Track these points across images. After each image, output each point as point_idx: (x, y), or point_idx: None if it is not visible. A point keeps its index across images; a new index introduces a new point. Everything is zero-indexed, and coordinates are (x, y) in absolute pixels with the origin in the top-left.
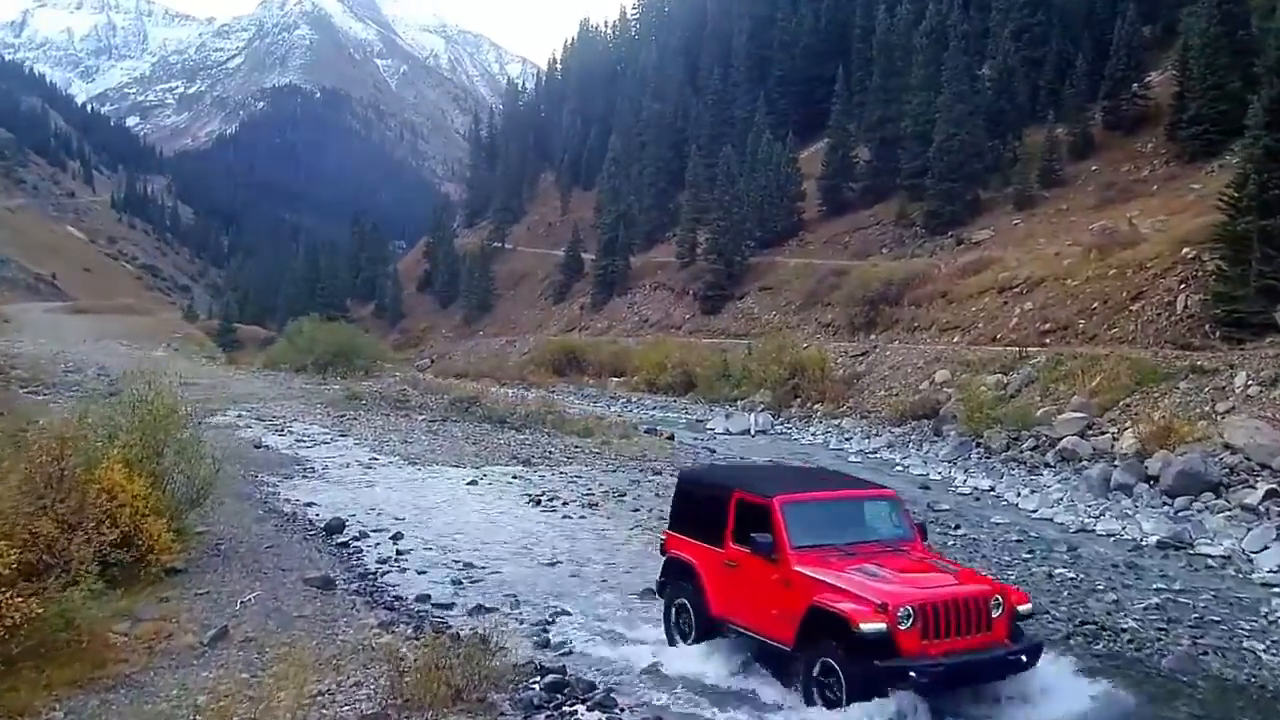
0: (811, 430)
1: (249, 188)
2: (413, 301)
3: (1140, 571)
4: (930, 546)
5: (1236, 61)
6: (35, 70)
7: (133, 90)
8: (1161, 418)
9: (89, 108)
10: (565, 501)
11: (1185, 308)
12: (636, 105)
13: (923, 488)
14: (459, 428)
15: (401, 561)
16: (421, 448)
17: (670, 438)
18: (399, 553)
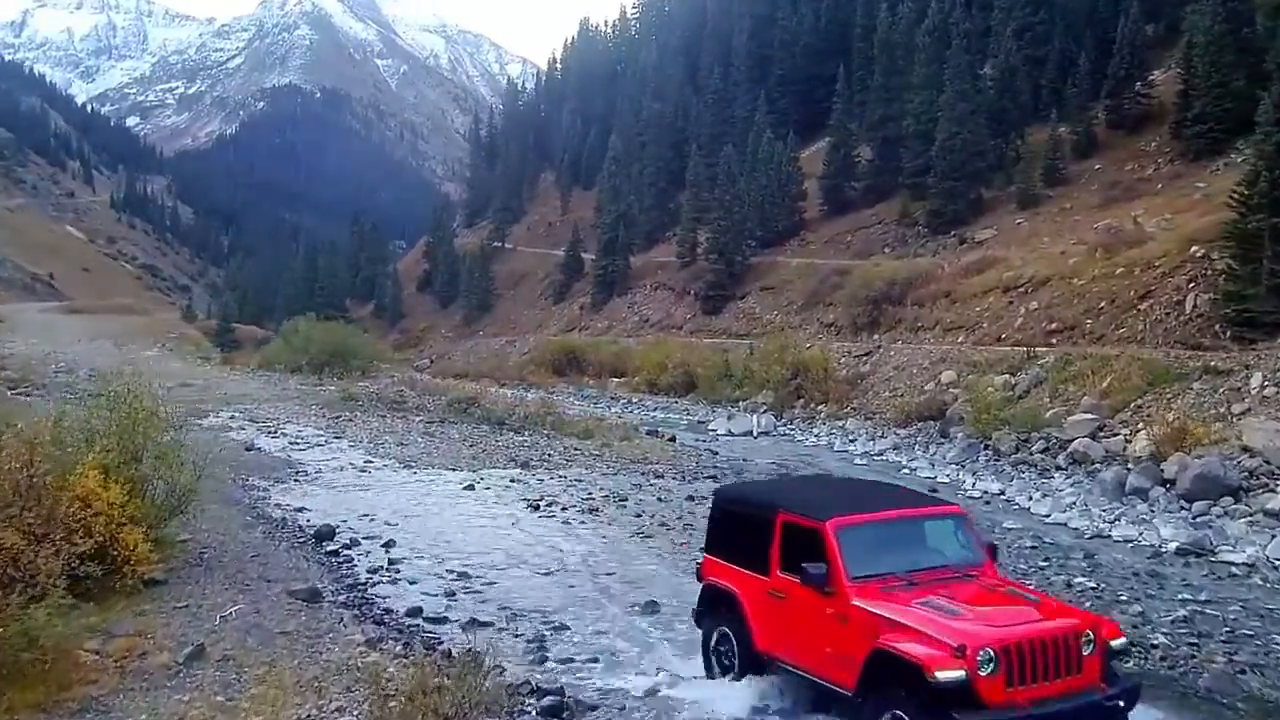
0: (815, 431)
1: (249, 188)
2: (412, 301)
3: (1163, 581)
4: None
5: (1241, 59)
6: (35, 70)
7: (133, 90)
8: (1175, 419)
9: (89, 108)
10: (564, 507)
11: (1195, 307)
12: (637, 105)
13: (931, 491)
14: (456, 429)
15: (393, 571)
16: (417, 450)
17: (672, 439)
18: (390, 562)
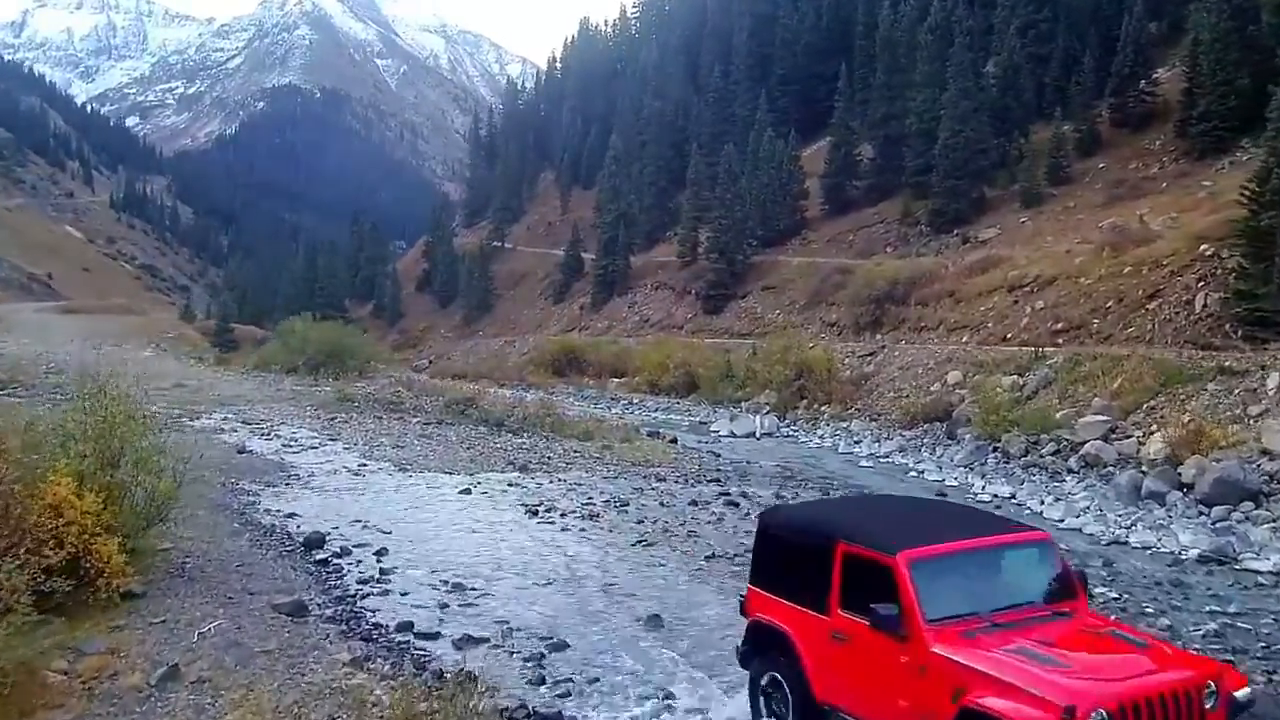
0: (819, 433)
1: (249, 188)
2: (412, 301)
3: (1187, 590)
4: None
5: (1246, 57)
6: (35, 70)
7: (133, 90)
8: (1190, 421)
9: (89, 108)
10: (564, 512)
11: (1205, 306)
12: (637, 104)
13: (939, 495)
14: (454, 431)
15: (384, 582)
16: (414, 453)
17: (673, 441)
18: (382, 572)
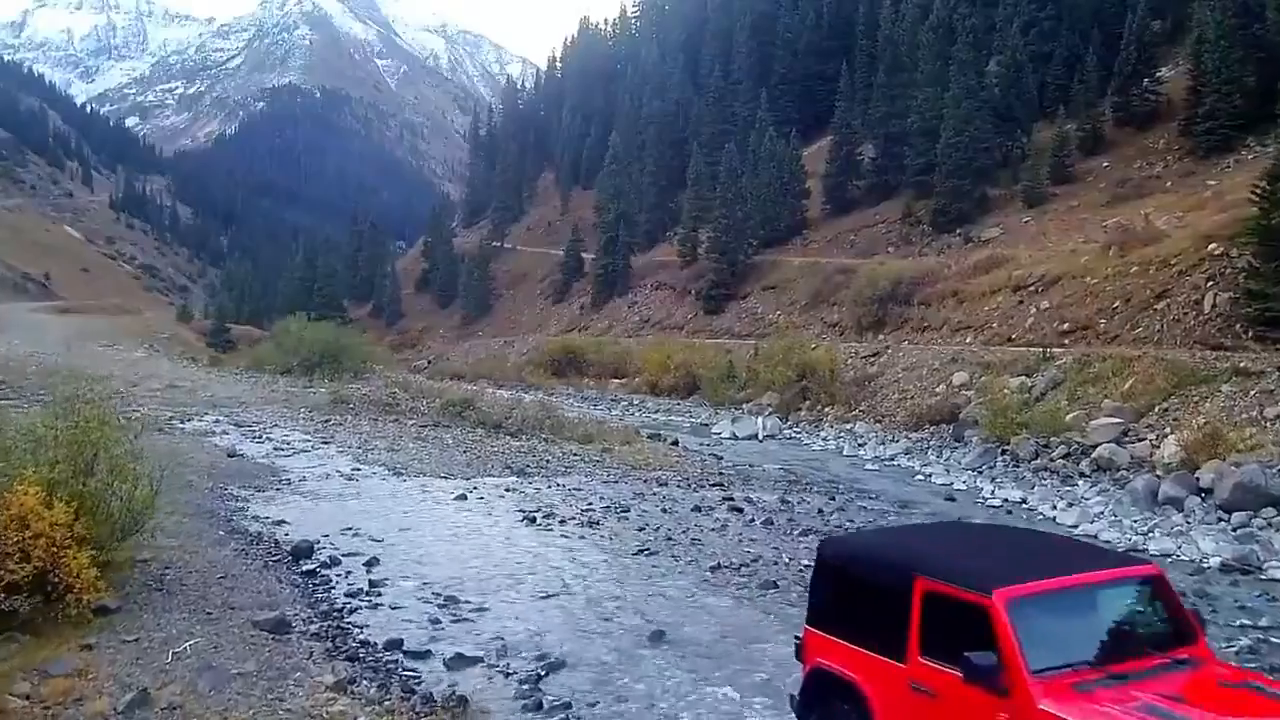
0: (822, 435)
1: (248, 188)
2: (411, 301)
3: (1213, 602)
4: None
5: (1250, 55)
6: (35, 70)
7: (132, 90)
8: (1206, 424)
9: (88, 108)
10: (563, 519)
11: (1214, 306)
12: (637, 103)
13: (948, 499)
14: (450, 434)
15: (374, 595)
16: (409, 456)
17: (675, 444)
18: (372, 584)
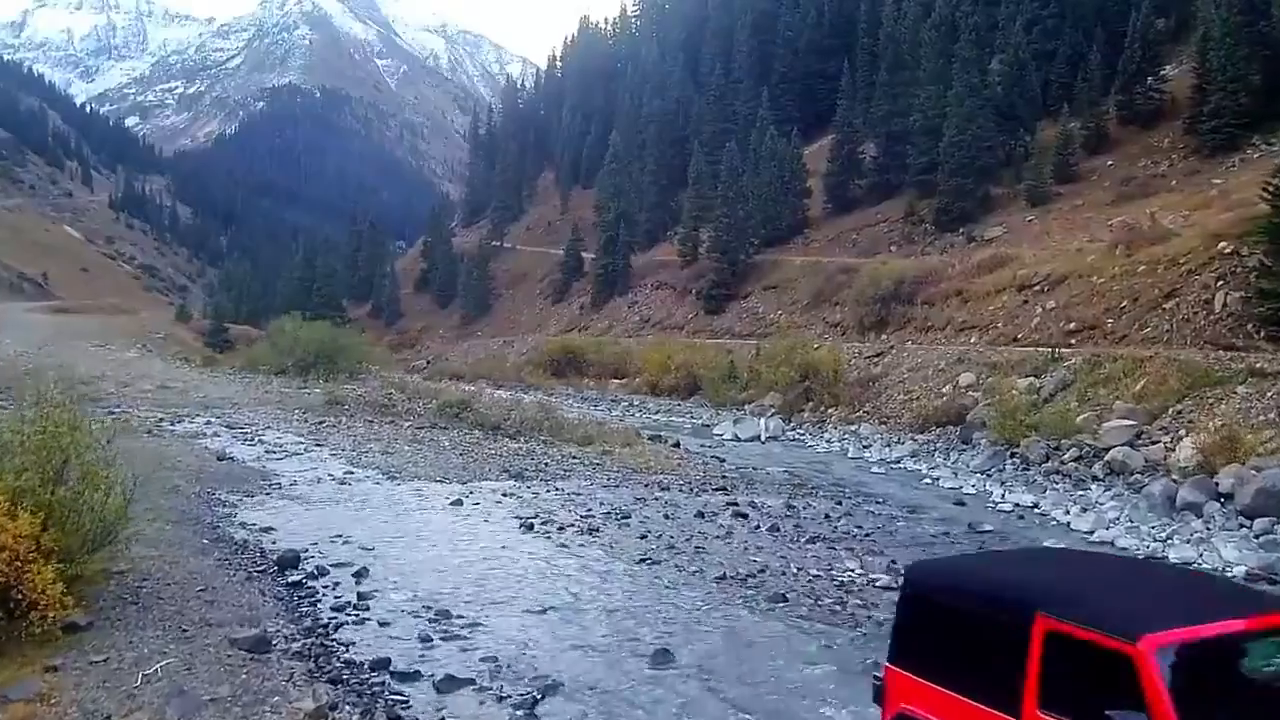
0: (826, 436)
1: (248, 187)
2: (410, 301)
3: None
4: None
5: (1256, 53)
6: (35, 70)
7: (132, 90)
8: (1223, 426)
9: (88, 108)
10: (561, 526)
11: (1225, 305)
12: (637, 102)
13: (958, 503)
14: (447, 436)
15: (362, 609)
16: (403, 459)
17: (676, 445)
18: (360, 596)
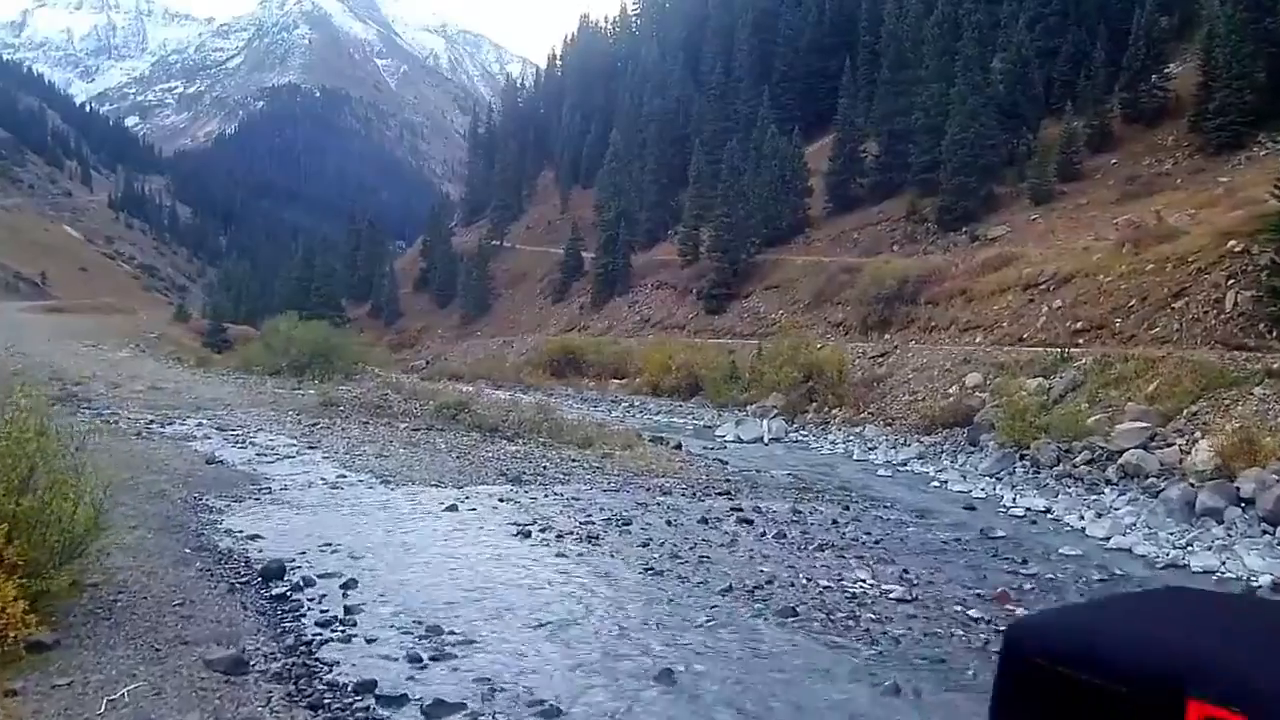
0: (830, 438)
1: (248, 187)
2: (409, 301)
3: None
4: None
5: (1262, 50)
6: (34, 70)
7: (132, 90)
8: (1240, 429)
9: (88, 107)
10: (560, 533)
11: (1236, 305)
12: (637, 101)
13: (968, 508)
14: (443, 438)
15: (348, 624)
16: (398, 463)
17: (678, 447)
18: (347, 610)
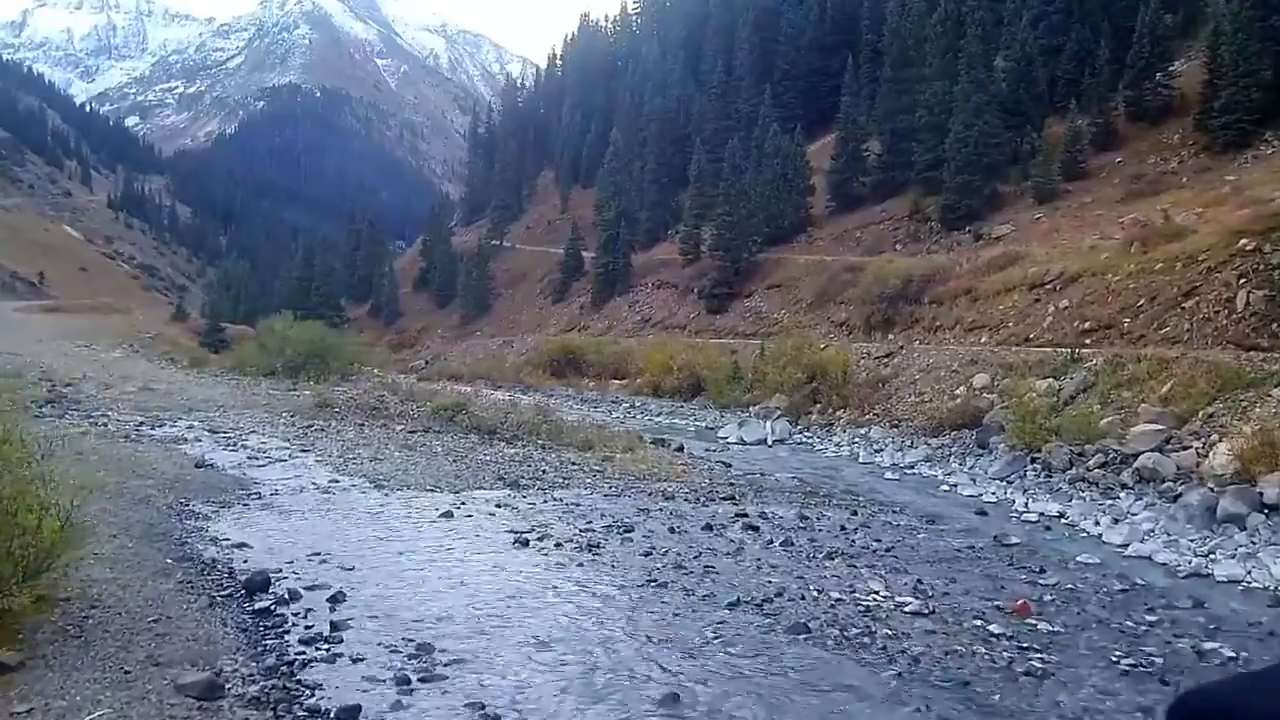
0: (835, 440)
1: (248, 187)
2: (409, 301)
3: None
4: None
5: (1268, 48)
6: (34, 70)
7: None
8: (1260, 431)
9: (88, 107)
10: (559, 542)
11: (1248, 304)
12: (638, 100)
13: (979, 513)
14: (440, 441)
15: (334, 641)
16: (393, 466)
17: (680, 449)
18: (334, 626)
